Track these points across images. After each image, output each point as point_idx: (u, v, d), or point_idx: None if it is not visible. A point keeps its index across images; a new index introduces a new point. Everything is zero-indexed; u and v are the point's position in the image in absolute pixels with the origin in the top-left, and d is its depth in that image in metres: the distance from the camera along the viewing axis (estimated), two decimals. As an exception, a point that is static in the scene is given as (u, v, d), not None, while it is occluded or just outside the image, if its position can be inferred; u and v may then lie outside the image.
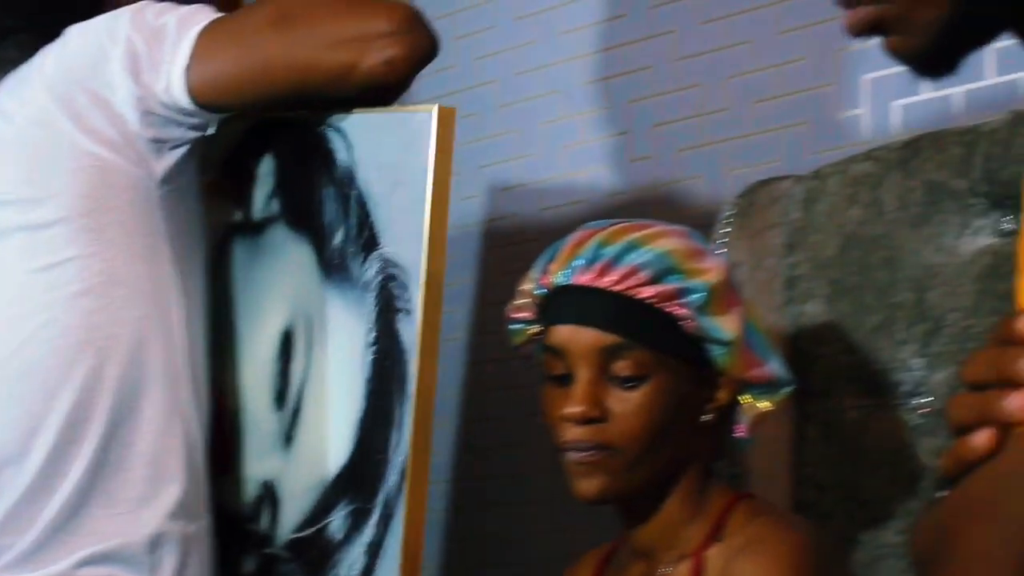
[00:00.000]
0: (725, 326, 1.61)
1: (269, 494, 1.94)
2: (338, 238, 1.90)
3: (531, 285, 1.67)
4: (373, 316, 1.86)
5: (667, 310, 1.60)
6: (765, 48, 2.30)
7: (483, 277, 2.71)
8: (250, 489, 1.96)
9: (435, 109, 1.83)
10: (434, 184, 1.82)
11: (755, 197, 2.04)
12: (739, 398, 1.66)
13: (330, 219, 1.91)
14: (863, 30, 1.03)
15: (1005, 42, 1.04)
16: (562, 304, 1.64)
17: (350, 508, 1.86)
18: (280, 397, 1.95)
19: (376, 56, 1.80)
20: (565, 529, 2.38)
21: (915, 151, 1.88)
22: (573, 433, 1.60)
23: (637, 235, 1.63)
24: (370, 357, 1.86)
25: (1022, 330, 0.86)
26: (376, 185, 1.88)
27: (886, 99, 2.16)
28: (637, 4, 2.48)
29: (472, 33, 2.70)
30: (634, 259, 1.61)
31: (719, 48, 2.36)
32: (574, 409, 1.59)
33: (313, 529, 1.89)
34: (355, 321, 1.88)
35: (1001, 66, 1.97)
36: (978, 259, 1.79)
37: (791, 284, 1.95)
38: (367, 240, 1.87)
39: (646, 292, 1.59)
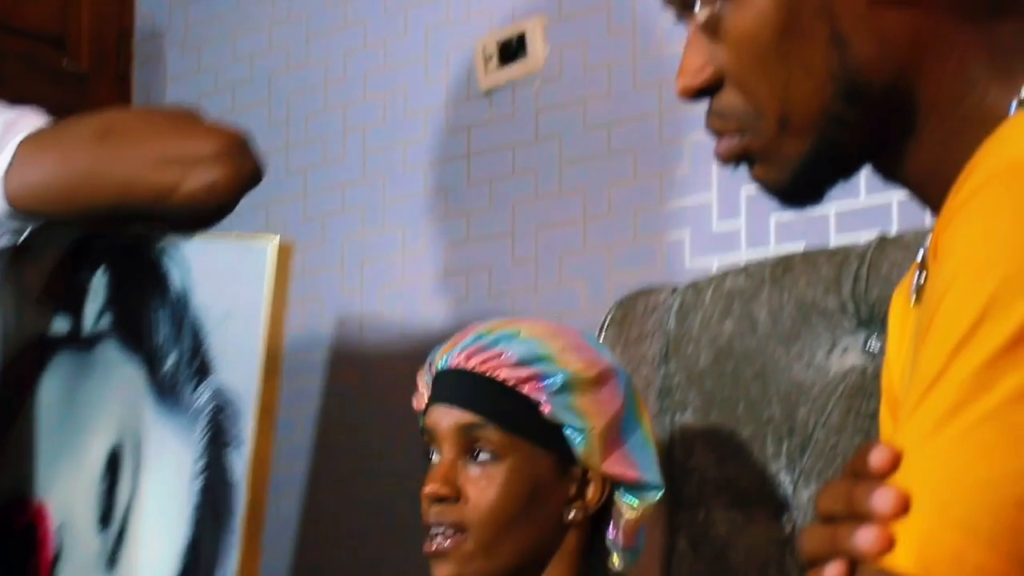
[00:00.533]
0: (583, 414, 1.61)
1: None
2: (170, 362, 1.87)
3: (423, 376, 1.69)
4: (202, 444, 1.82)
5: (524, 392, 1.61)
6: (648, 157, 2.33)
7: (326, 405, 2.71)
8: None
9: (273, 242, 1.83)
10: (270, 316, 1.81)
11: (633, 305, 2.05)
12: (612, 501, 1.65)
13: (163, 341, 1.89)
14: (731, 159, 1.05)
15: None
16: (436, 387, 1.66)
17: None
18: (105, 518, 1.88)
19: (198, 179, 1.79)
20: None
21: (788, 268, 1.90)
22: (430, 512, 1.60)
23: (517, 326, 1.66)
24: (198, 485, 1.82)
25: (874, 463, 0.87)
26: (211, 312, 1.86)
27: (764, 213, 2.19)
28: (525, 107, 2.50)
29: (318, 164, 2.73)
30: (504, 345, 1.63)
31: (603, 154, 2.38)
32: (427, 488, 1.60)
33: None
34: (184, 448, 1.84)
35: (872, 187, 2.01)
36: (846, 377, 1.81)
37: (665, 394, 1.96)
38: (199, 367, 1.85)
39: (505, 373, 1.61)
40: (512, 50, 2.50)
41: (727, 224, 2.24)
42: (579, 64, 2.43)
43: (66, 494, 1.90)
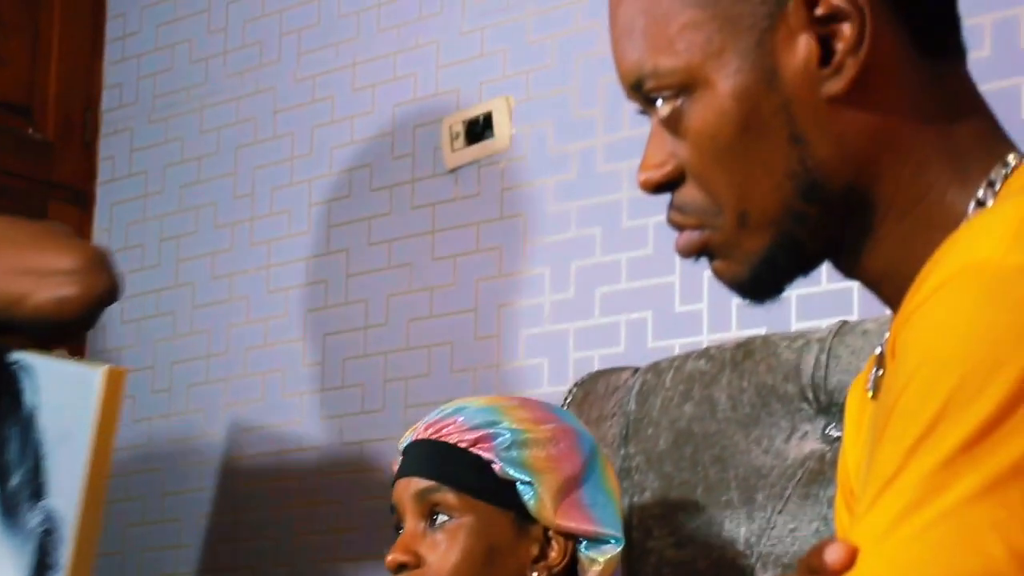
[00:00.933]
0: (534, 470, 1.62)
1: None
2: (15, 480, 1.84)
3: (396, 458, 1.71)
4: (30, 568, 1.79)
5: (476, 453, 1.62)
6: (612, 238, 2.34)
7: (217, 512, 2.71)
8: None
9: (102, 370, 1.80)
10: (96, 444, 1.78)
11: (594, 386, 2.05)
12: (577, 558, 1.66)
13: (11, 459, 1.86)
14: (691, 253, 1.06)
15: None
16: (400, 464, 1.68)
17: None
18: None
19: (49, 292, 1.78)
20: None
21: (748, 352, 1.90)
22: None
23: (477, 399, 1.70)
24: None
25: (829, 560, 0.87)
26: (49, 433, 1.84)
27: (726, 296, 2.18)
28: (490, 186, 2.50)
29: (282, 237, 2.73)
30: (459, 413, 1.65)
31: (567, 234, 2.39)
32: (388, 557, 1.62)
33: None
34: (16, 571, 1.81)
35: (833, 274, 2.01)
36: (805, 463, 1.81)
37: (624, 475, 1.95)
38: (36, 488, 1.82)
39: (456, 437, 1.63)
40: (478, 129, 2.51)
41: (689, 306, 2.25)
42: (545, 145, 2.44)
43: None
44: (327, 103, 2.73)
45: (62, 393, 1.85)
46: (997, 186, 0.99)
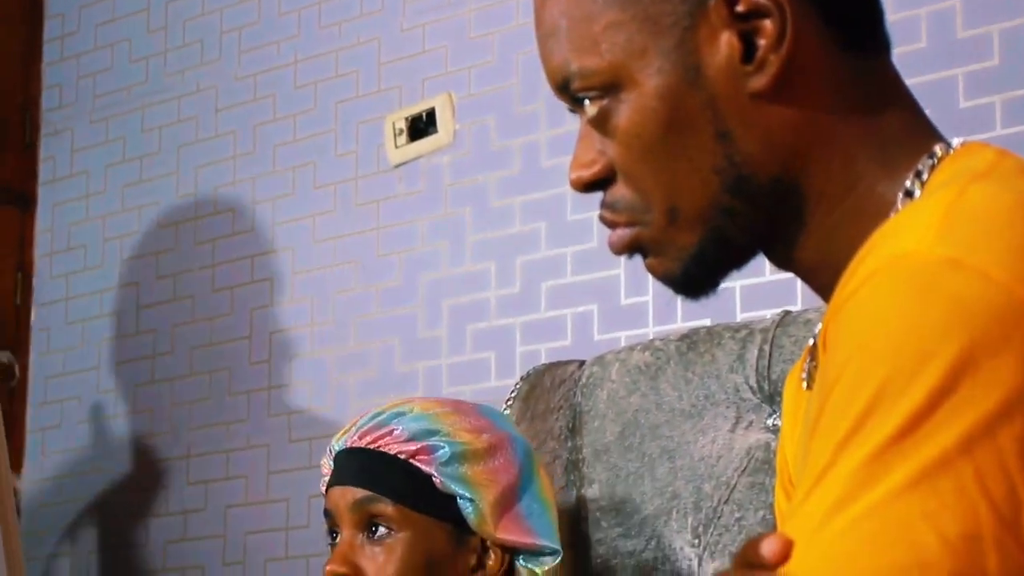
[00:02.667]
0: (474, 485, 1.62)
1: None
2: None
3: (325, 458, 1.70)
4: None
5: (416, 465, 1.62)
6: (557, 232, 2.35)
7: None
8: None
9: None
10: None
11: (540, 379, 2.05)
12: (516, 568, 1.66)
13: None
14: (624, 250, 1.07)
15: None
16: (335, 470, 1.67)
17: None
18: None
19: None
20: None
21: (693, 344, 1.91)
22: None
23: (411, 404, 1.67)
24: None
25: (765, 554, 0.87)
26: None
27: (669, 289, 2.21)
28: (434, 181, 2.50)
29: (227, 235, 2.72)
30: (396, 422, 1.64)
31: (512, 228, 2.40)
32: (327, 568, 1.61)
33: None
34: None
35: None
36: (750, 452, 1.81)
37: (572, 468, 1.96)
38: None
39: (396, 448, 1.62)
40: (421, 125, 2.52)
41: (634, 298, 2.27)
42: (488, 140, 2.45)
43: None
44: (268, 101, 2.73)
45: None
46: (925, 176, 1.00)
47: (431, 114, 2.51)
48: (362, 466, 1.63)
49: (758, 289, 2.09)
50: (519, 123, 2.42)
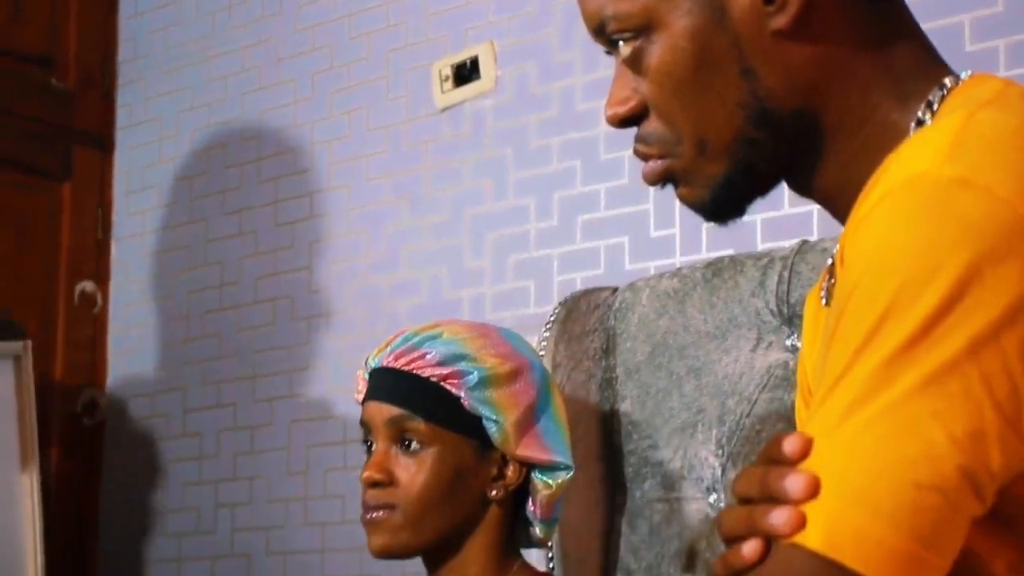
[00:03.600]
0: (498, 407, 1.64)
1: None
2: None
3: (361, 373, 1.72)
4: None
5: (446, 388, 1.63)
6: (591, 170, 2.34)
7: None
8: None
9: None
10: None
11: (576, 304, 2.05)
12: (532, 480, 1.68)
13: None
14: (656, 180, 1.07)
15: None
16: (371, 385, 1.68)
17: None
18: None
19: None
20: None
21: (717, 271, 1.91)
22: (367, 494, 1.64)
23: (441, 328, 1.68)
24: None
25: (787, 451, 0.88)
26: None
27: (697, 221, 2.19)
28: (478, 124, 2.50)
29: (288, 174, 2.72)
30: (428, 346, 1.65)
31: (549, 168, 2.40)
32: (364, 474, 1.64)
33: None
34: None
35: (794, 198, 2.02)
36: (770, 371, 1.82)
37: (606, 385, 1.96)
38: None
39: (429, 372, 1.64)
40: (466, 72, 2.51)
41: (663, 231, 2.26)
42: (527, 85, 2.44)
43: None
44: (326, 51, 2.72)
45: None
46: (935, 106, 1.00)
47: (475, 61, 2.50)
48: (397, 386, 1.65)
49: (777, 221, 2.09)
50: (556, 69, 2.41)
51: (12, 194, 2.84)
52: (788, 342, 1.81)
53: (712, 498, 1.84)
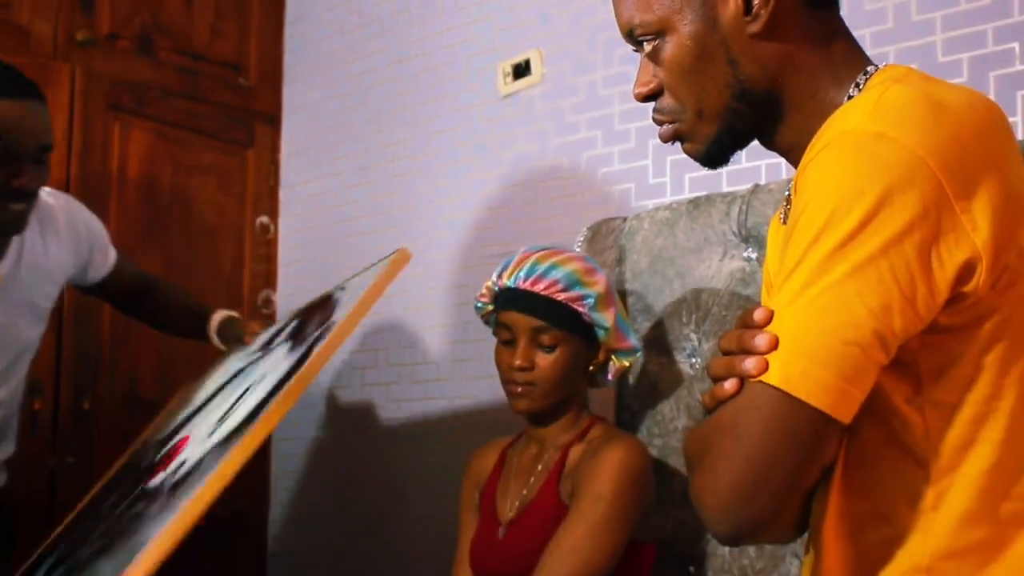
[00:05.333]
0: (606, 318, 1.67)
1: None
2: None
3: (491, 283, 1.72)
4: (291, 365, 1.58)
5: (573, 307, 1.65)
6: (609, 137, 2.33)
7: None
8: None
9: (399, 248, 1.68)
10: (364, 296, 1.57)
11: (598, 230, 2.04)
12: (610, 358, 1.72)
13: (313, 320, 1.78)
14: (668, 139, 1.07)
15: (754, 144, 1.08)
16: (511, 298, 1.68)
17: None
18: (221, 420, 1.61)
19: None
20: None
21: (696, 205, 1.90)
22: (515, 376, 1.66)
23: (556, 259, 1.69)
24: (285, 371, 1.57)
25: (756, 318, 0.89)
26: (347, 295, 1.75)
27: (681, 172, 2.19)
28: (529, 106, 2.47)
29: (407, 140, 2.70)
30: (553, 274, 1.66)
31: (578, 136, 2.37)
32: (517, 362, 1.65)
33: None
34: (284, 360, 1.64)
35: (749, 154, 2.00)
36: (732, 274, 1.81)
37: (618, 285, 1.96)
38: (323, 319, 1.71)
39: (561, 296, 1.65)
40: (521, 70, 2.49)
41: (658, 179, 2.25)
42: (564, 78, 2.42)
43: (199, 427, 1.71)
44: (424, 57, 2.70)
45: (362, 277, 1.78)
46: (861, 85, 0.99)
47: (528, 62, 2.48)
48: (538, 304, 1.65)
49: (738, 171, 2.07)
50: (584, 67, 2.38)
51: (215, 157, 2.84)
52: (744, 255, 1.81)
53: (692, 361, 1.84)
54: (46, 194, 1.93)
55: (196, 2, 2.81)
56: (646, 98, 1.05)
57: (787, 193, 1.07)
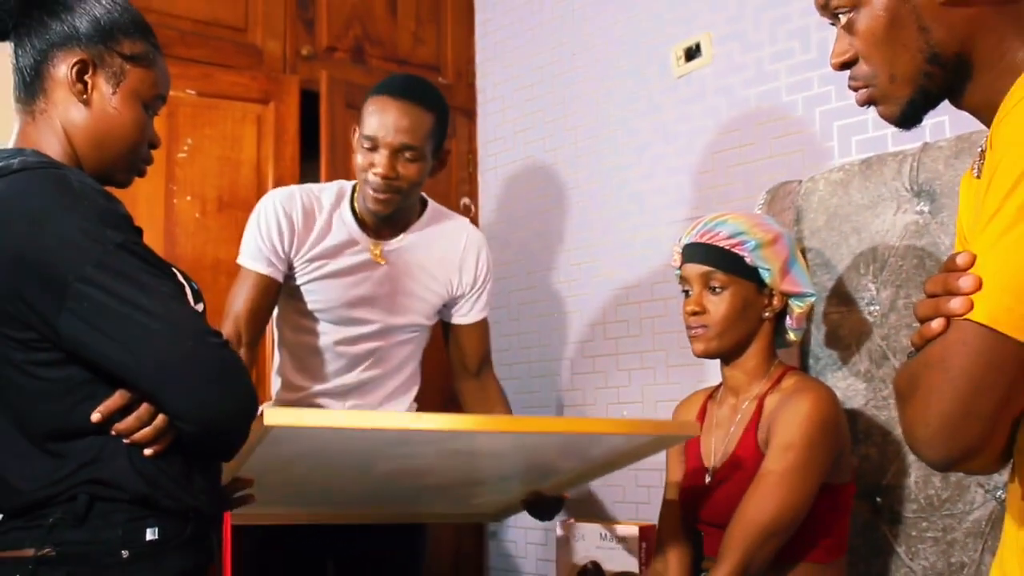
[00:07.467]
0: (768, 261, 1.65)
1: None
2: None
3: (677, 246, 1.74)
4: None
5: (736, 252, 1.65)
6: (776, 109, 2.30)
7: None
8: None
9: None
10: None
11: (777, 192, 2.03)
12: (788, 305, 1.69)
13: None
14: (864, 103, 1.06)
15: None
16: (687, 253, 1.70)
17: None
18: None
19: None
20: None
21: (868, 165, 1.87)
22: (691, 320, 1.67)
23: (725, 216, 1.69)
24: None
25: (960, 262, 0.88)
26: None
27: (849, 136, 2.15)
28: (701, 87, 2.45)
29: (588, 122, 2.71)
30: (721, 227, 1.67)
31: (747, 109, 2.35)
32: (691, 307, 1.67)
33: None
34: None
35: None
36: (906, 227, 1.78)
37: (797, 242, 1.96)
38: None
39: (723, 243, 1.65)
40: (692, 52, 2.48)
41: (827, 143, 2.21)
42: (733, 58, 2.40)
43: None
44: (602, 47, 2.70)
45: None
46: None
47: (698, 45, 2.46)
48: (705, 253, 1.66)
49: (902, 132, 2.01)
50: (750, 46, 2.35)
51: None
52: (917, 208, 1.77)
53: (872, 309, 1.81)
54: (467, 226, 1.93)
55: (399, 13, 2.89)
56: (842, 66, 1.04)
57: (980, 148, 1.04)
